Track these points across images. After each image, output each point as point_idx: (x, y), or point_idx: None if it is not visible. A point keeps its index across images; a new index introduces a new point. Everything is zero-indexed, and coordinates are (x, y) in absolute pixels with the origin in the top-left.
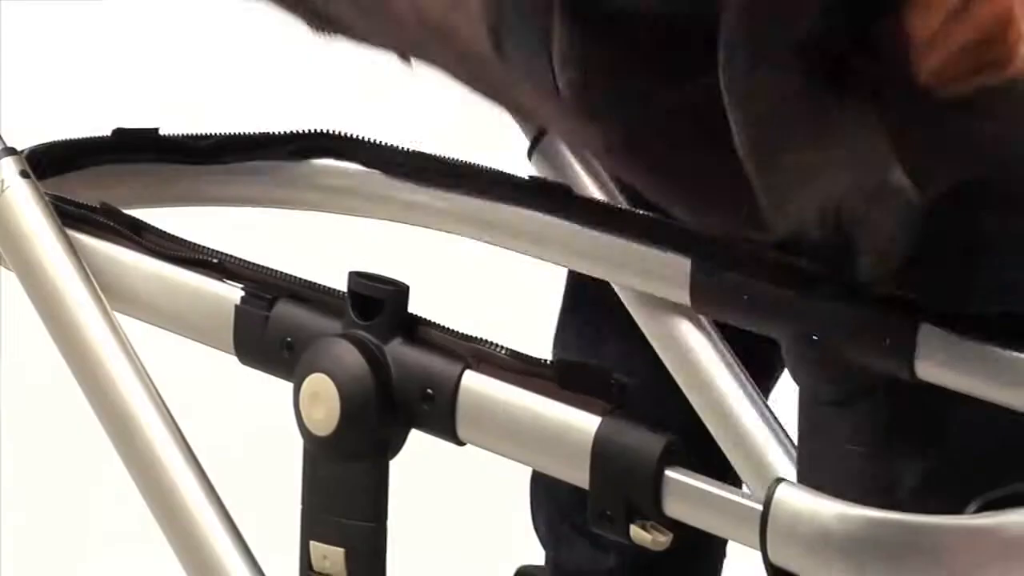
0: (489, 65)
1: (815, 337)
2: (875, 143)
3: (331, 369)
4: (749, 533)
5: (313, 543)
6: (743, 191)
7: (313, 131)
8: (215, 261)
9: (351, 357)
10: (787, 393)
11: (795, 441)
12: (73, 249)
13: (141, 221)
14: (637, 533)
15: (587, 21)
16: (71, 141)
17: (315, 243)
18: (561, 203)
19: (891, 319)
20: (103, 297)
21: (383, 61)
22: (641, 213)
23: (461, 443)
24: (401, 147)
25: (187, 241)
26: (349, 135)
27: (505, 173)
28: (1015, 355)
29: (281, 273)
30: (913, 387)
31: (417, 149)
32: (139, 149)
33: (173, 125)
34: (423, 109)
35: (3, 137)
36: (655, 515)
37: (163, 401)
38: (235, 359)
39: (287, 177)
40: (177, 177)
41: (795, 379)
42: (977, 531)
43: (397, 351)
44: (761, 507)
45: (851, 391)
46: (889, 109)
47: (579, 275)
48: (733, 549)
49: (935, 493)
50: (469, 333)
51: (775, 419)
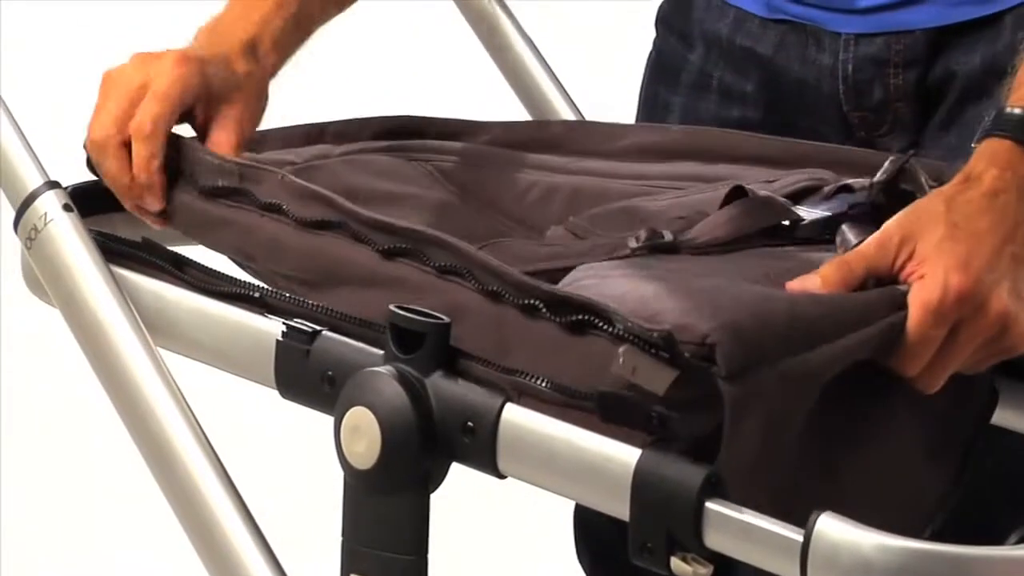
0: None
1: None
2: None
3: (372, 402)
4: (790, 564)
5: None
6: None
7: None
8: (256, 295)
9: (392, 390)
10: None
11: None
12: (117, 284)
13: (182, 256)
14: (678, 565)
15: None
16: None
17: None
18: None
19: None
20: (147, 333)
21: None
22: None
23: (502, 476)
24: None
25: (229, 276)
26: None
27: None
28: None
29: (322, 307)
30: (948, 415)
31: None
32: None
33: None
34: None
35: (46, 171)
36: (696, 547)
37: (207, 438)
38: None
39: None
40: None
41: None
42: (1018, 562)
43: (438, 384)
44: (802, 538)
45: None
46: None
47: None
48: None
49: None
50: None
51: None
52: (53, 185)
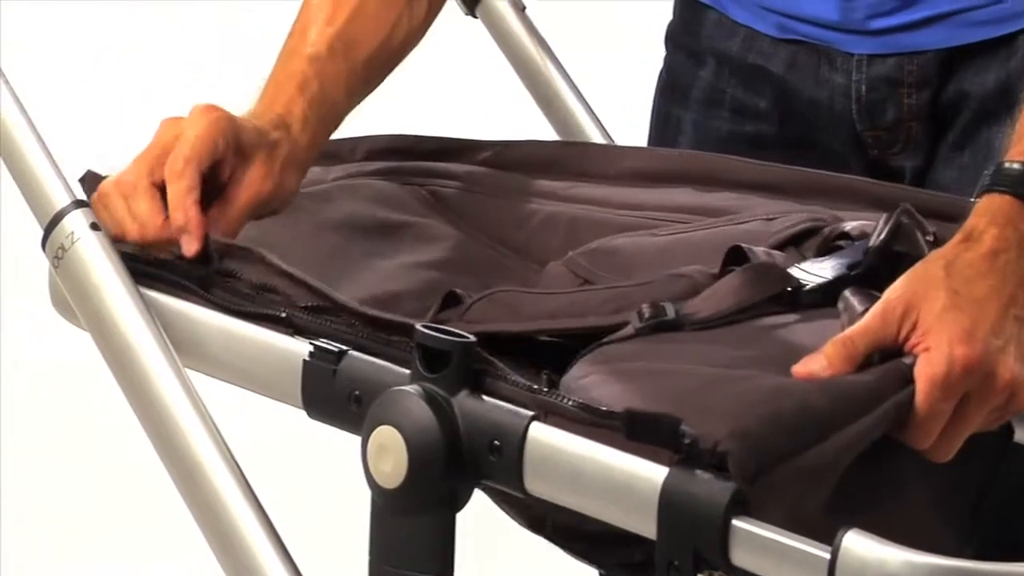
0: None
1: None
2: None
3: (399, 421)
4: None
5: None
6: None
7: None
8: (283, 316)
9: (418, 409)
10: None
11: None
12: (145, 303)
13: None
14: None
15: None
16: None
17: None
18: None
19: None
20: (175, 353)
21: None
22: None
23: (528, 495)
24: None
25: (256, 296)
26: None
27: None
28: None
29: (349, 326)
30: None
31: None
32: None
33: None
34: (423, 109)
35: (72, 190)
36: (723, 565)
37: (235, 460)
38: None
39: None
40: None
41: None
42: None
43: (464, 403)
44: (828, 555)
45: None
46: None
47: None
48: None
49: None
50: (536, 386)
51: None
52: (80, 204)
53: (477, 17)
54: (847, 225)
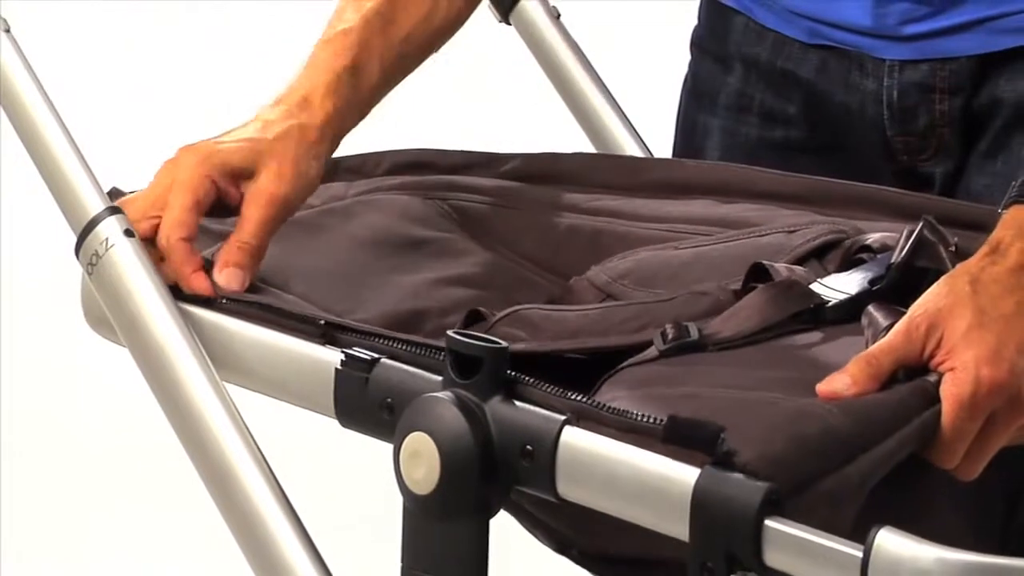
0: None
1: None
2: None
3: (431, 427)
4: None
5: None
6: None
7: None
8: (314, 326)
9: (451, 415)
10: None
11: None
12: (179, 309)
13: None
14: None
15: None
16: None
17: None
18: None
19: None
20: (211, 364)
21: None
22: None
23: (561, 500)
24: None
25: (285, 307)
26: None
27: None
28: None
29: (380, 334)
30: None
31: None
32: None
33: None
34: (423, 109)
35: (106, 196)
36: (756, 566)
37: (272, 471)
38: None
39: None
40: None
41: None
42: None
43: (497, 408)
44: (861, 554)
45: None
46: None
47: None
48: None
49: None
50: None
51: None
52: (114, 211)
53: (511, 24)
54: (869, 238)
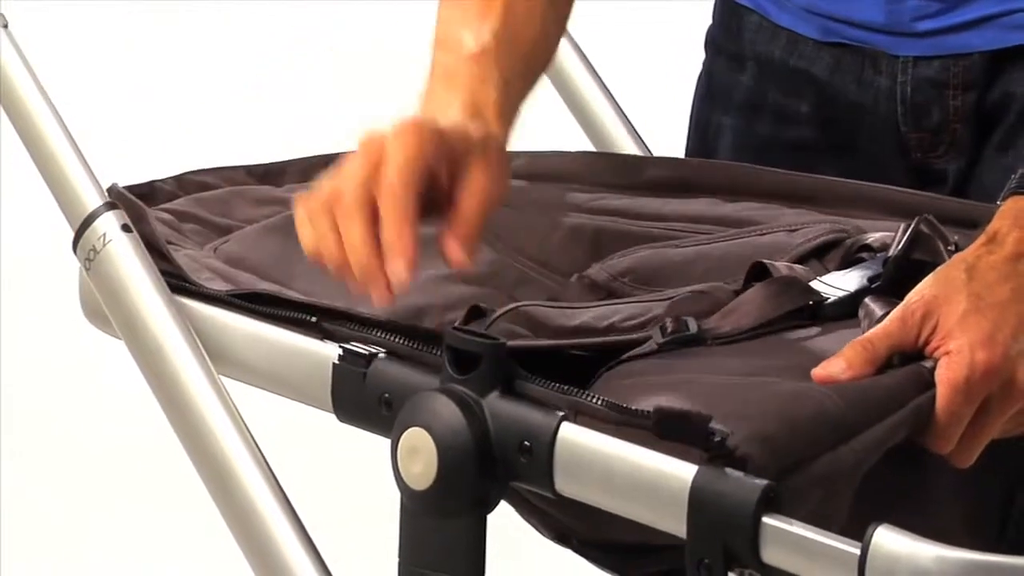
0: None
1: None
2: None
3: (429, 423)
4: None
5: None
6: None
7: None
8: (312, 320)
9: (448, 411)
10: None
11: None
12: (176, 304)
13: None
14: None
15: None
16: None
17: None
18: None
19: None
20: (208, 360)
21: (383, 63)
22: None
23: (559, 496)
24: None
25: (282, 300)
26: None
27: None
28: None
29: (378, 329)
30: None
31: None
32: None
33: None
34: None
35: (104, 191)
36: (754, 563)
37: (269, 466)
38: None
39: None
40: None
41: None
42: None
43: (494, 404)
44: (859, 551)
45: None
46: None
47: None
48: None
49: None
50: (565, 386)
51: None
52: (112, 206)
53: None
54: (869, 237)
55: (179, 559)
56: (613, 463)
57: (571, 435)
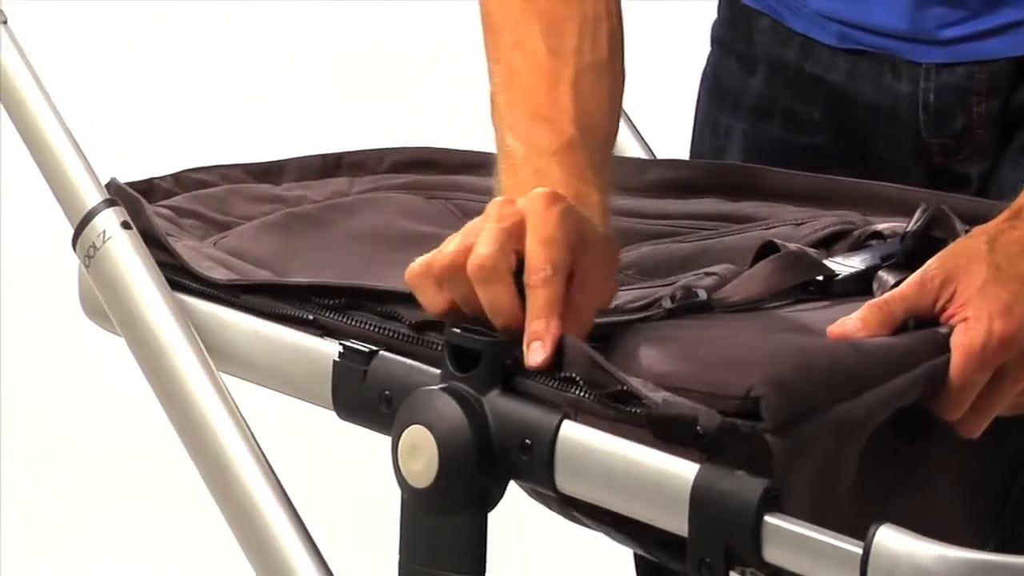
0: None
1: None
2: None
3: (429, 421)
4: None
5: None
6: None
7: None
8: (311, 318)
9: (449, 409)
10: None
11: None
12: (176, 301)
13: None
14: None
15: None
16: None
17: None
18: None
19: None
20: (208, 356)
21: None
22: None
23: (559, 493)
24: None
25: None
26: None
27: None
28: None
29: (378, 327)
30: (986, 452)
31: None
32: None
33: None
34: (423, 109)
35: (104, 188)
36: (755, 561)
37: (270, 464)
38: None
39: None
40: None
41: None
42: None
43: (495, 402)
44: (861, 551)
45: None
46: None
47: None
48: None
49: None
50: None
51: None
52: (112, 203)
53: None
54: (879, 226)
55: (179, 559)
56: (614, 461)
57: (572, 433)
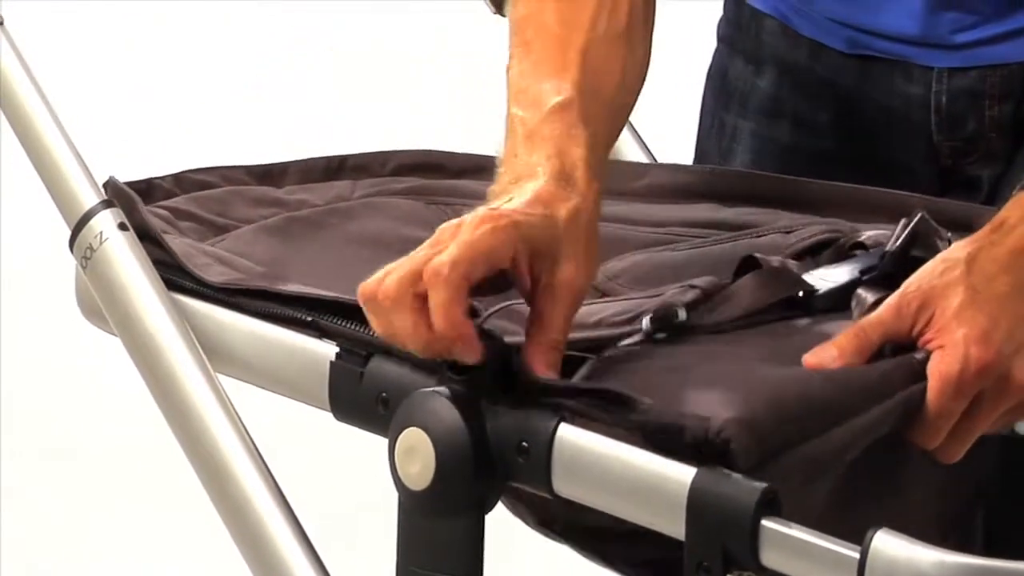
0: None
1: None
2: None
3: (426, 423)
4: None
5: None
6: None
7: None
8: (309, 319)
9: (446, 411)
10: None
11: None
12: (173, 302)
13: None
14: None
15: None
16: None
17: None
18: None
19: None
20: (205, 357)
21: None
22: None
23: (556, 496)
24: None
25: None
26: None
27: None
28: None
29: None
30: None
31: None
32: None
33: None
34: (423, 109)
35: (101, 190)
36: (753, 565)
37: (266, 465)
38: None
39: None
40: None
41: None
42: None
43: (492, 405)
44: (858, 555)
45: None
46: None
47: None
48: None
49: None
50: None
51: None
52: (108, 204)
53: (506, 16)
54: (863, 235)
55: (179, 559)
56: (611, 464)
57: (569, 436)
